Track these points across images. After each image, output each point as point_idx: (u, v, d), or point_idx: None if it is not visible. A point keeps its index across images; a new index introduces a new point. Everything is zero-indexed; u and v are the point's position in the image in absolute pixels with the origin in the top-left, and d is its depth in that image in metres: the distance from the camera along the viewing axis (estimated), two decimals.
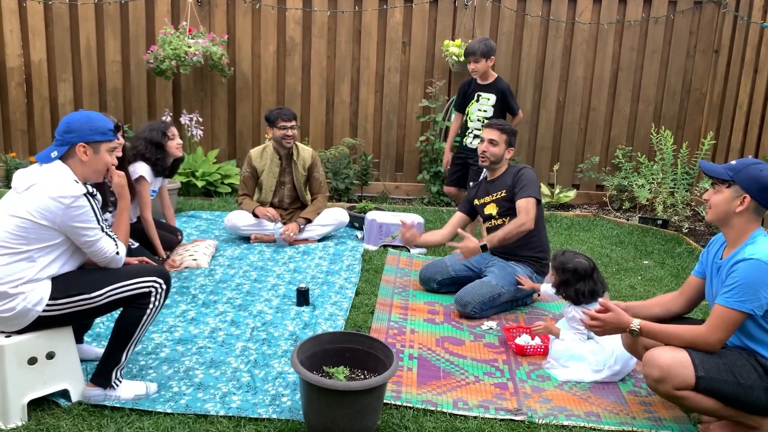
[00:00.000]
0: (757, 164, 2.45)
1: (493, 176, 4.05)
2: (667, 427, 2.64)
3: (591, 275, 3.17)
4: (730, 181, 2.46)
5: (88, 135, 2.49)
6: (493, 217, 4.00)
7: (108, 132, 2.55)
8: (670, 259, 4.89)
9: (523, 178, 3.87)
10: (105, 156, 2.57)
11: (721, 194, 2.49)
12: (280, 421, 2.54)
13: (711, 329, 2.42)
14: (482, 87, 4.89)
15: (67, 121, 2.51)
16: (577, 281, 3.16)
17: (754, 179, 2.42)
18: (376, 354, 2.64)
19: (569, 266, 3.18)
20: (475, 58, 4.76)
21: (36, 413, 2.51)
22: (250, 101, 6.51)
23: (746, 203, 2.44)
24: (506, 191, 3.92)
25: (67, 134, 2.49)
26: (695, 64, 6.50)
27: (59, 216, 2.39)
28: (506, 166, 4.02)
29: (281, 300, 3.80)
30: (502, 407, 2.73)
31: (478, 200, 4.10)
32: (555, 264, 3.27)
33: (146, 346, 3.14)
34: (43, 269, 2.43)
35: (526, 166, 3.97)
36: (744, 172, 2.44)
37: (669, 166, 5.88)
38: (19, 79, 6.28)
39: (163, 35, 5.89)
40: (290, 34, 6.37)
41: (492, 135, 3.92)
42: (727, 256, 2.52)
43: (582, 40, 6.43)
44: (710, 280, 2.64)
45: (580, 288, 3.15)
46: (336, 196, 6.30)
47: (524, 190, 3.84)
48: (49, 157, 2.49)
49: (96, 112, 2.60)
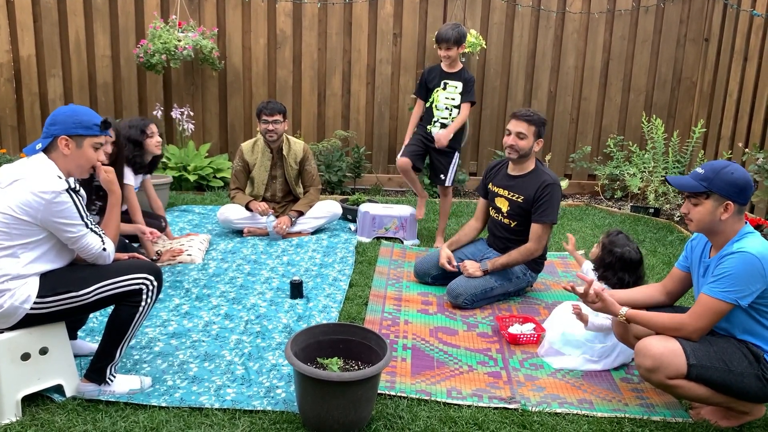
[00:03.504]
0: (727, 167, 2.41)
1: (518, 172, 3.81)
2: (659, 413, 2.66)
3: (637, 267, 3.10)
4: (707, 191, 2.42)
5: (71, 128, 2.47)
6: (501, 213, 3.88)
7: (92, 126, 2.51)
8: (662, 248, 4.91)
9: (547, 199, 3.65)
10: (88, 151, 2.53)
11: (702, 206, 2.44)
12: (274, 413, 2.55)
13: (693, 318, 2.43)
14: (450, 75, 4.63)
15: (54, 113, 2.50)
16: (622, 269, 3.08)
17: (731, 184, 2.39)
18: (370, 345, 2.65)
19: (617, 251, 3.08)
20: (448, 45, 4.51)
21: (30, 408, 2.51)
22: (242, 94, 6.49)
23: (730, 209, 2.41)
24: (524, 200, 3.73)
25: (51, 126, 2.48)
26: (686, 53, 6.52)
27: (40, 211, 2.37)
28: (533, 165, 3.77)
29: (275, 293, 3.80)
30: (495, 396, 2.75)
31: (493, 186, 3.94)
32: (605, 240, 3.15)
33: (140, 340, 3.14)
34: (28, 265, 2.42)
35: (554, 182, 3.69)
36: (719, 180, 2.40)
37: (660, 155, 5.90)
38: (8, 74, 6.24)
39: (153, 29, 5.86)
40: (281, 26, 6.34)
41: (520, 127, 3.65)
42: (714, 255, 2.52)
43: (573, 30, 6.43)
44: (697, 279, 2.64)
45: (624, 278, 3.07)
46: (329, 189, 6.30)
47: (545, 215, 3.66)
48: (34, 149, 2.49)
49: (84, 107, 2.57)
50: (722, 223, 2.44)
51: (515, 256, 3.73)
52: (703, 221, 2.46)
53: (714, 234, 2.50)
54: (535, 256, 3.75)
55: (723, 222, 2.44)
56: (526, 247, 3.72)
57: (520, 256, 3.73)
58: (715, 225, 2.46)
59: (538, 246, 3.72)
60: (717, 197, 2.41)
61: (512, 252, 3.74)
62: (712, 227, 2.47)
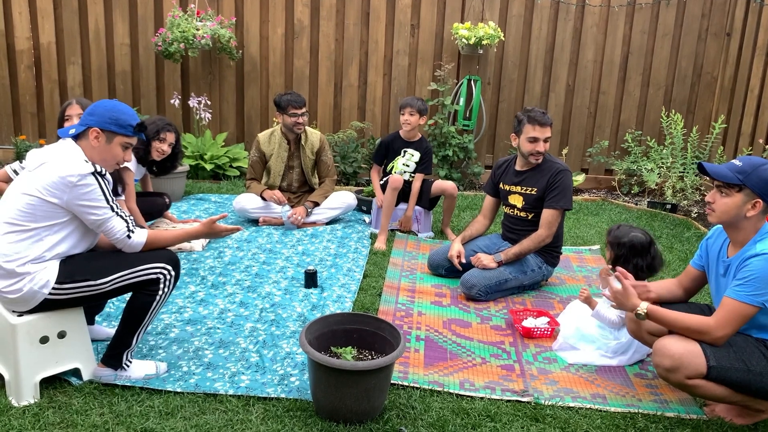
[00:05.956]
0: (765, 165, 2.37)
1: (526, 167, 3.86)
2: (673, 409, 2.65)
3: (648, 249, 3.06)
4: (740, 185, 2.38)
5: (106, 123, 2.50)
6: (516, 208, 3.90)
7: (126, 126, 2.54)
8: (678, 244, 4.87)
9: (560, 185, 3.71)
10: (116, 149, 2.55)
11: (731, 198, 2.40)
12: (288, 401, 2.57)
13: (720, 322, 2.37)
14: (409, 144, 4.91)
15: (95, 104, 2.55)
16: (634, 256, 3.04)
17: (766, 182, 2.34)
18: (384, 335, 2.66)
19: (624, 241, 3.06)
20: (411, 111, 4.76)
21: (48, 391, 2.55)
22: (258, 84, 6.50)
23: (759, 207, 2.38)
24: (538, 190, 3.77)
25: (89, 116, 2.52)
26: (707, 48, 6.43)
27: (66, 194, 2.40)
28: (541, 158, 3.84)
29: (290, 282, 3.82)
30: (508, 388, 2.75)
31: (503, 185, 3.98)
32: (609, 239, 3.13)
33: (156, 326, 3.18)
34: (51, 248, 2.45)
35: (565, 169, 3.76)
36: (755, 176, 2.35)
37: (679, 150, 5.84)
38: (28, 61, 6.29)
39: (172, 18, 5.88)
40: (298, 16, 6.34)
41: (548, 133, 3.73)
42: (734, 254, 2.48)
43: (592, 23, 6.37)
44: (715, 278, 2.60)
45: (638, 263, 3.03)
46: (344, 180, 6.30)
47: (556, 200, 3.71)
48: (67, 132, 2.54)
49: (126, 105, 2.58)
50: (746, 219, 2.41)
51: (527, 244, 3.75)
52: (728, 213, 2.42)
53: (734, 229, 2.46)
54: (546, 242, 3.76)
55: (747, 219, 2.40)
56: (537, 234, 3.74)
57: (532, 244, 3.74)
58: (738, 220, 2.42)
59: (549, 232, 3.73)
60: (749, 192, 2.37)
61: (524, 241, 3.76)
62: (735, 222, 2.43)
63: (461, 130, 6.42)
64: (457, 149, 6.25)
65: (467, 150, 6.32)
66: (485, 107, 6.46)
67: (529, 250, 3.76)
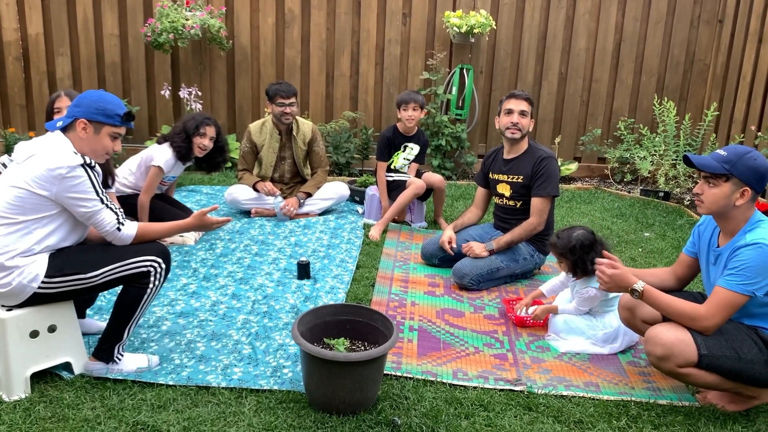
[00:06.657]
0: (750, 153, 2.37)
1: (513, 154, 3.87)
2: (665, 396, 2.66)
3: (594, 239, 3.10)
4: (727, 174, 2.38)
5: (93, 114, 2.48)
6: (505, 197, 3.92)
7: (114, 116, 2.51)
8: (671, 231, 4.88)
9: (544, 172, 3.72)
10: (104, 139, 2.53)
11: (719, 188, 2.40)
12: (281, 393, 2.56)
13: (710, 311, 2.38)
14: (409, 138, 4.92)
15: (81, 95, 2.52)
16: (587, 252, 3.07)
17: (752, 170, 2.35)
18: (376, 326, 2.65)
19: (572, 244, 3.09)
20: (415, 106, 4.77)
21: (39, 385, 2.54)
22: (249, 75, 6.45)
23: (747, 195, 2.38)
24: (524, 178, 3.79)
25: (75, 107, 2.49)
26: (699, 35, 6.42)
27: (55, 186, 2.38)
28: (527, 145, 3.85)
29: (282, 273, 3.81)
30: (501, 377, 2.75)
31: (492, 174, 4.00)
32: (558, 251, 3.15)
33: (148, 319, 3.16)
34: (40, 242, 2.43)
35: (549, 156, 3.77)
36: (741, 164, 2.35)
37: (671, 138, 5.84)
38: (16, 53, 6.22)
39: (161, 8, 5.83)
40: (289, 5, 6.28)
41: (523, 106, 3.75)
42: (725, 244, 2.48)
43: (585, 10, 6.34)
44: (707, 267, 2.60)
45: (591, 257, 3.04)
46: (336, 171, 6.28)
47: (543, 188, 3.72)
48: (55, 125, 2.51)
49: (113, 95, 2.56)
50: (735, 208, 2.41)
51: (518, 232, 3.76)
52: (717, 204, 2.42)
53: (723, 218, 2.46)
54: (538, 230, 3.77)
55: (736, 208, 2.40)
56: (528, 222, 3.76)
57: (523, 232, 3.76)
58: (728, 209, 2.42)
59: (540, 220, 3.75)
60: (736, 181, 2.37)
61: (515, 229, 3.78)
62: (724, 211, 2.43)
63: (454, 120, 6.40)
64: (450, 138, 6.23)
65: (460, 139, 6.30)
66: (478, 96, 6.44)
67: (521, 238, 3.77)
